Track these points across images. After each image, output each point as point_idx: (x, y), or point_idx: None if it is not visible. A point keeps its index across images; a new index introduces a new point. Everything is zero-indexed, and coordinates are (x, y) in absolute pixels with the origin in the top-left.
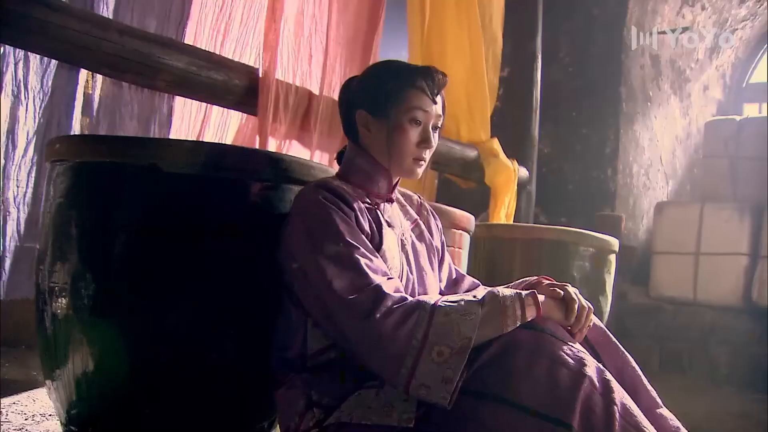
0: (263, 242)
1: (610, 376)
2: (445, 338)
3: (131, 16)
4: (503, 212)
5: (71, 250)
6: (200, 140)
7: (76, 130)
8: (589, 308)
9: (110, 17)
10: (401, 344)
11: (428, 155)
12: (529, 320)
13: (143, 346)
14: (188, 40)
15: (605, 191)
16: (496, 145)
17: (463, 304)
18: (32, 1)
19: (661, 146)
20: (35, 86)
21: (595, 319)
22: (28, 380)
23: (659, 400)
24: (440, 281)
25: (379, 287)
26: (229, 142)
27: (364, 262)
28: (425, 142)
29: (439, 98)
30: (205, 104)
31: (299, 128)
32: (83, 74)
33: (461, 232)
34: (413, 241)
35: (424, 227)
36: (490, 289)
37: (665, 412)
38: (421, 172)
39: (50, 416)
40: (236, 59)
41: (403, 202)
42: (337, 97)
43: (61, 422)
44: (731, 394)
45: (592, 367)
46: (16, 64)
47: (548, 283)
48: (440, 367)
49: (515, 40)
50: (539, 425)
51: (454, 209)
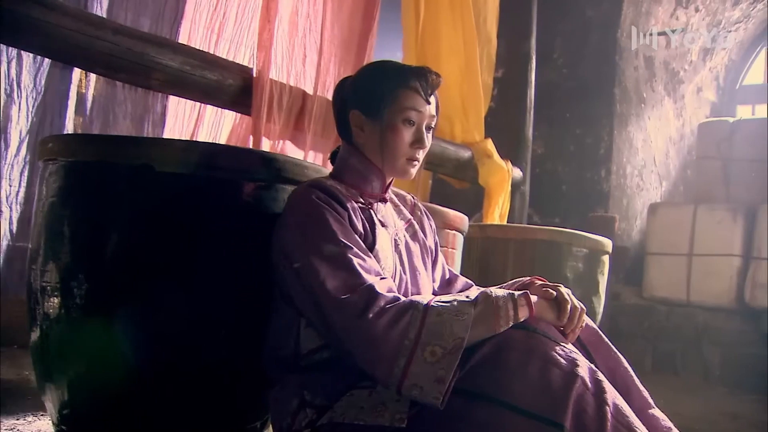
0: (256, 242)
1: (602, 376)
2: (437, 338)
3: (125, 15)
4: (497, 213)
5: (64, 249)
6: (193, 140)
7: (69, 129)
8: (581, 309)
9: (104, 16)
10: (394, 344)
11: (422, 155)
12: (521, 321)
13: (135, 345)
14: (182, 39)
15: (599, 192)
16: (490, 145)
17: (455, 304)
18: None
19: (654, 147)
20: (28, 85)
21: (587, 319)
22: (20, 380)
23: (651, 400)
24: (433, 281)
25: (371, 287)
26: (222, 141)
27: (357, 261)
28: (419, 142)
29: (432, 98)
30: (198, 104)
31: (293, 128)
32: (77, 73)
33: (454, 232)
34: (407, 241)
35: (417, 227)
36: (483, 289)
37: (657, 412)
38: (414, 172)
39: (42, 416)
40: (230, 59)
41: (396, 202)
42: (331, 97)
43: (52, 422)
44: (724, 394)
45: (584, 367)
46: (9, 62)
47: (541, 283)
48: (433, 367)
49: (509, 40)
50: (531, 425)
51: (447, 209)
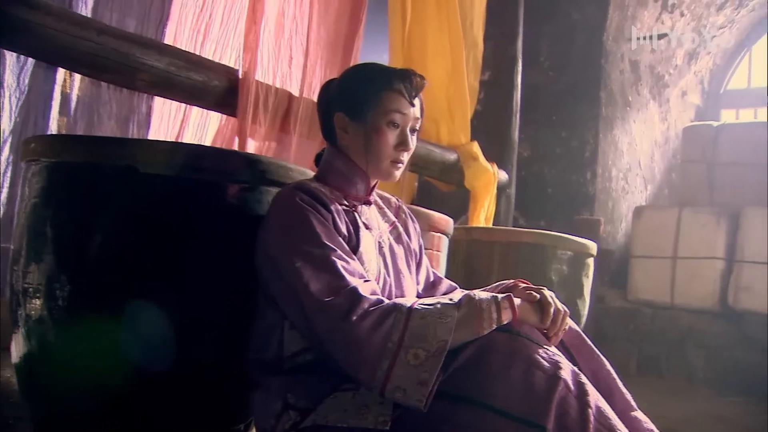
0: (241, 244)
1: (585, 379)
2: (421, 341)
3: (110, 15)
4: (483, 215)
5: (46, 250)
6: (178, 141)
7: (53, 129)
8: (564, 312)
9: (89, 16)
10: (377, 347)
11: (406, 158)
12: (505, 323)
13: (118, 348)
14: (168, 40)
15: (584, 195)
16: (476, 148)
17: (439, 306)
18: None
19: (640, 151)
20: (11, 84)
21: (570, 322)
22: (0, 382)
23: (634, 403)
24: (417, 284)
25: (355, 289)
26: (208, 143)
27: (340, 264)
28: (403, 144)
29: (417, 101)
30: (184, 105)
31: (279, 130)
32: (61, 73)
33: (440, 234)
34: (391, 243)
35: (401, 230)
36: (466, 292)
37: (639, 414)
38: (398, 174)
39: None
40: (216, 60)
41: (381, 204)
42: (317, 99)
43: (34, 425)
44: (707, 396)
45: (567, 370)
46: None
47: (524, 286)
48: (416, 369)
49: (496, 43)
50: (514, 428)
51: (432, 212)
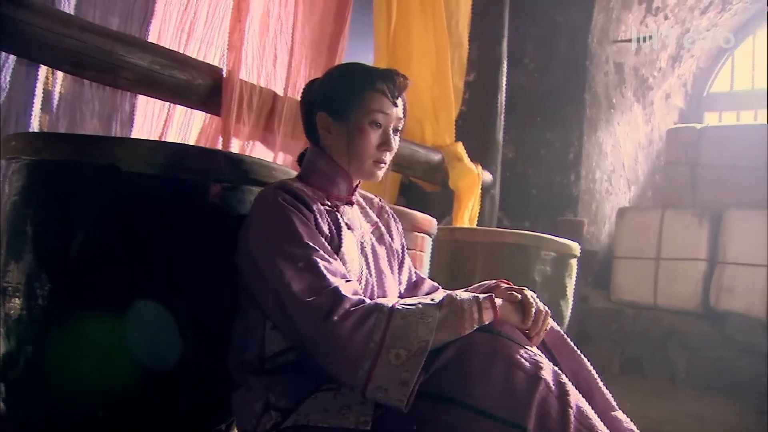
0: (223, 243)
1: (565, 379)
2: (402, 341)
3: (94, 12)
4: (467, 216)
5: (26, 249)
6: (161, 140)
7: (35, 127)
8: (546, 312)
9: (72, 13)
10: (358, 347)
11: (389, 158)
12: (486, 324)
13: (99, 347)
14: (152, 38)
15: (568, 196)
16: (460, 148)
17: (420, 307)
18: None
19: (623, 152)
20: None
21: (552, 322)
22: None
23: (614, 403)
24: (400, 284)
25: (337, 289)
26: (192, 142)
27: (322, 264)
28: (385, 144)
29: (399, 101)
30: (168, 103)
31: (263, 129)
32: (43, 70)
33: (423, 235)
34: (373, 243)
35: (384, 230)
36: (448, 292)
37: (620, 414)
38: (381, 174)
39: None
40: (200, 59)
41: (363, 204)
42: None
43: (13, 426)
44: (689, 396)
45: (548, 370)
46: None
47: (506, 286)
48: (397, 369)
49: (481, 44)
50: (495, 428)
51: (415, 212)
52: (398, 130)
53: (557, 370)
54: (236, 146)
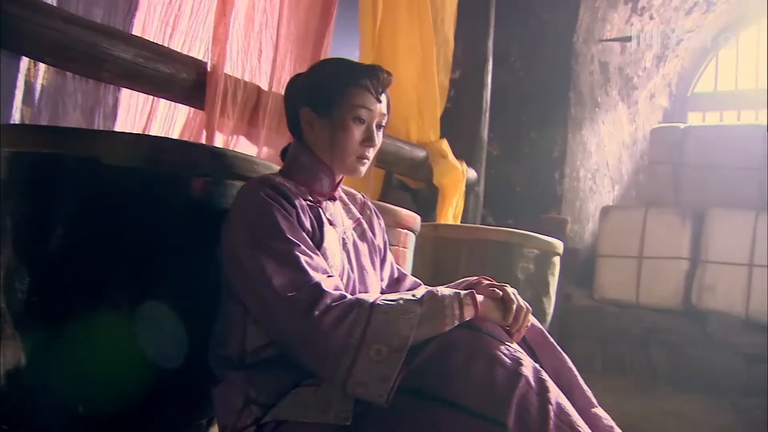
0: (204, 238)
1: (546, 375)
2: (383, 337)
3: (77, 4)
4: (451, 213)
5: (5, 242)
6: (143, 133)
7: (16, 119)
8: (527, 309)
9: (54, 5)
10: (339, 342)
11: (372, 154)
12: (467, 320)
13: (78, 341)
14: (136, 31)
15: (552, 194)
16: (445, 145)
17: (402, 302)
18: None
19: (608, 151)
20: None
21: (533, 319)
22: None
23: (594, 399)
24: (382, 280)
25: (318, 285)
26: (175, 136)
27: (304, 259)
28: (369, 140)
29: (383, 97)
30: (151, 97)
31: (247, 124)
32: (25, 62)
33: (406, 231)
34: (355, 239)
35: (366, 226)
36: (429, 288)
37: (600, 411)
38: (364, 170)
39: None
40: (185, 52)
41: (346, 200)
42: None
43: None
44: (669, 394)
45: (528, 366)
46: None
47: (488, 283)
48: (378, 365)
49: (467, 42)
50: (475, 424)
51: (400, 208)
52: (382, 126)
53: (538, 366)
54: (220, 140)
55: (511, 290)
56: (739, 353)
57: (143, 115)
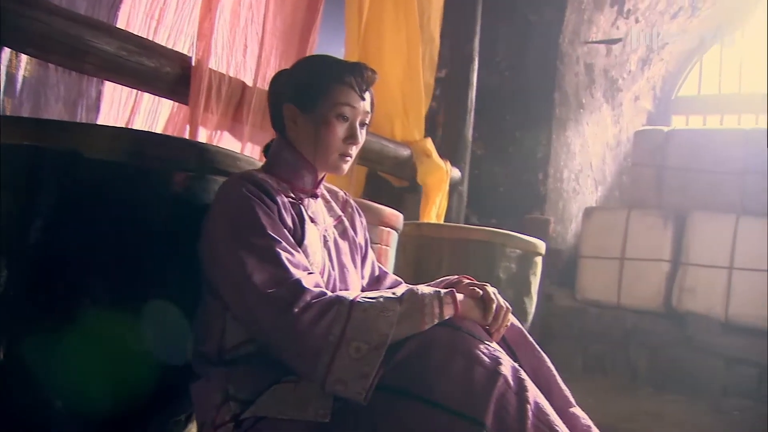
0: (185, 233)
1: (524, 375)
2: (362, 334)
3: None
4: (434, 212)
5: None
6: (126, 127)
7: None
8: (507, 308)
9: None
10: (318, 339)
11: (355, 151)
12: (447, 318)
13: (57, 334)
14: (121, 24)
15: (536, 194)
16: (429, 144)
17: (381, 300)
18: None
19: (591, 152)
20: None
21: (513, 319)
22: None
23: (572, 399)
24: (362, 278)
25: (298, 282)
26: (159, 130)
27: (284, 256)
28: (352, 138)
29: (367, 95)
30: (135, 91)
31: (231, 119)
32: (7, 53)
33: (389, 229)
34: (336, 237)
35: (347, 224)
36: (409, 286)
37: (578, 411)
38: (347, 168)
39: None
40: (169, 46)
41: (328, 198)
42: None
43: None
44: (649, 394)
45: (507, 366)
46: None
47: (468, 282)
48: (357, 362)
49: (453, 41)
50: (453, 423)
51: (383, 207)
52: (365, 123)
53: (517, 366)
54: (204, 135)
55: (491, 289)
56: (718, 355)
57: (126, 108)
